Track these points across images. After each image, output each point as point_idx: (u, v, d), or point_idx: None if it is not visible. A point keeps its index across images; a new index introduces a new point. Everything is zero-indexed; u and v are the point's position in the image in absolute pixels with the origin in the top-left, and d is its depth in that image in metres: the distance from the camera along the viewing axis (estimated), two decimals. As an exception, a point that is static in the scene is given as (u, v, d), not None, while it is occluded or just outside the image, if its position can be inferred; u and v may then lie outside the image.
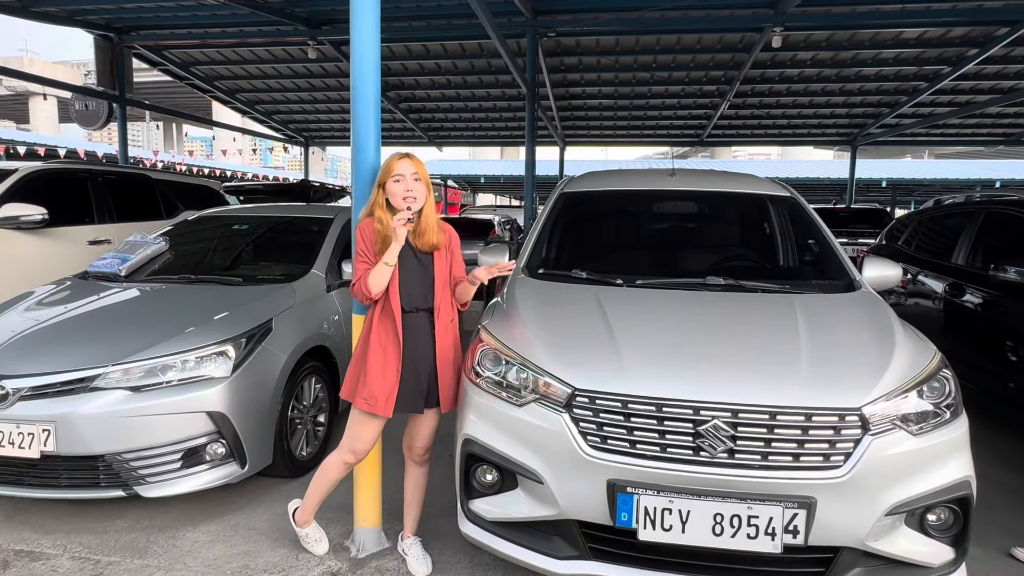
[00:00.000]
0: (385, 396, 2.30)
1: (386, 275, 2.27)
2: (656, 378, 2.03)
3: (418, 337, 2.35)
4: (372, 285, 2.26)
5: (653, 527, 1.92)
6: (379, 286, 2.27)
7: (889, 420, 1.96)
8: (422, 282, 2.36)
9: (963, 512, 2.01)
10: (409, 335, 2.33)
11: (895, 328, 2.34)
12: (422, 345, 2.35)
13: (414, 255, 2.37)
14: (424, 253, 2.38)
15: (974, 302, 4.14)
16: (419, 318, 2.36)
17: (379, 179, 2.36)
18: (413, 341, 2.34)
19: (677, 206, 3.65)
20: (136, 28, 9.58)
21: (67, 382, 2.71)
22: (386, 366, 2.31)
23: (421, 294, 2.36)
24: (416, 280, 2.35)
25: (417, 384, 2.36)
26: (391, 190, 2.32)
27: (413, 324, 2.35)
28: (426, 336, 2.36)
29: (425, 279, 2.37)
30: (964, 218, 4.67)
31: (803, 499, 1.86)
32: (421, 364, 2.36)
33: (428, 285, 2.37)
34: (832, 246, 3.11)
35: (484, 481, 2.22)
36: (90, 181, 5.55)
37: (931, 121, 12.35)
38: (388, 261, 2.26)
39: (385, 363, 2.31)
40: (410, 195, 2.30)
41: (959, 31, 8.75)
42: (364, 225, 2.37)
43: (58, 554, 2.63)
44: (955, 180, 22.00)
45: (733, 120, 13.60)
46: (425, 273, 2.37)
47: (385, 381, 2.30)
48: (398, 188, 2.30)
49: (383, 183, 2.34)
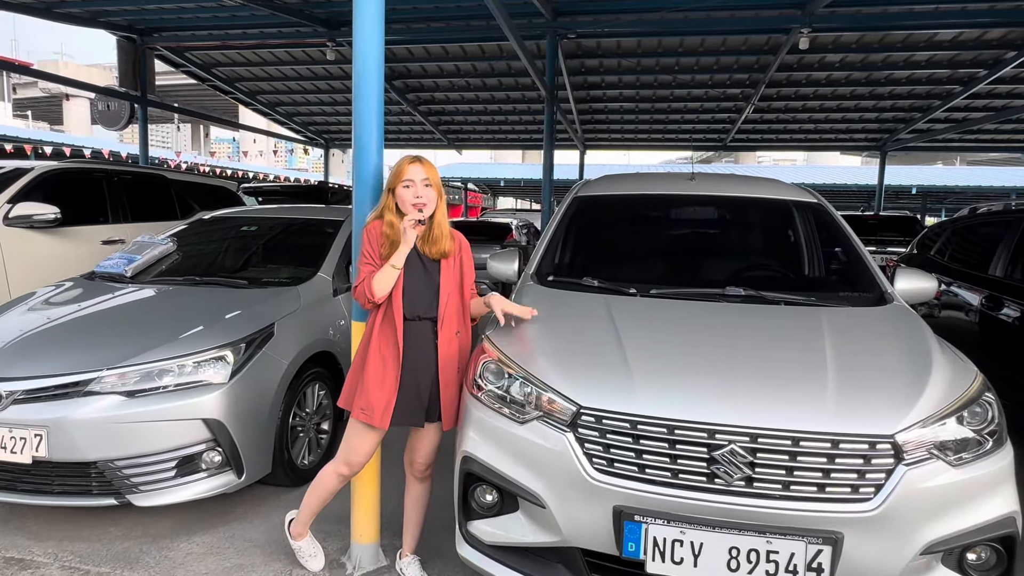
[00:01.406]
0: (382, 407, 2.20)
1: (392, 278, 2.17)
2: (668, 397, 1.88)
3: (420, 347, 2.24)
4: (377, 288, 2.16)
5: (663, 559, 1.77)
6: (383, 289, 2.17)
7: (925, 449, 1.79)
8: (427, 290, 2.26)
9: (1007, 551, 1.82)
10: (410, 344, 2.22)
11: (932, 347, 2.16)
12: (424, 356, 2.24)
13: (421, 262, 2.27)
14: (431, 260, 2.28)
15: (1013, 316, 3.91)
16: (422, 327, 2.25)
17: (389, 183, 2.27)
18: (414, 351, 2.23)
19: (696, 212, 3.49)
20: (158, 29, 9.67)
21: (61, 386, 2.64)
22: (385, 376, 2.20)
23: (426, 302, 2.25)
24: (421, 287, 2.25)
25: (417, 397, 2.25)
26: (400, 196, 2.22)
27: (415, 333, 2.24)
28: (428, 346, 2.25)
29: (430, 287, 2.27)
30: (1002, 227, 4.43)
31: (828, 534, 1.70)
32: (422, 376, 2.25)
33: (433, 293, 2.27)
34: (862, 255, 2.93)
35: (483, 502, 2.09)
36: (105, 181, 5.55)
37: (965, 126, 11.97)
38: (395, 264, 2.16)
39: (384, 372, 2.20)
40: (419, 202, 2.20)
41: (996, 32, 8.43)
42: (372, 227, 2.28)
43: (48, 563, 2.56)
44: (989, 188, 21.36)
45: (758, 124, 13.32)
46: (431, 281, 2.27)
47: (383, 391, 2.20)
48: (407, 194, 2.21)
49: (393, 188, 2.24)
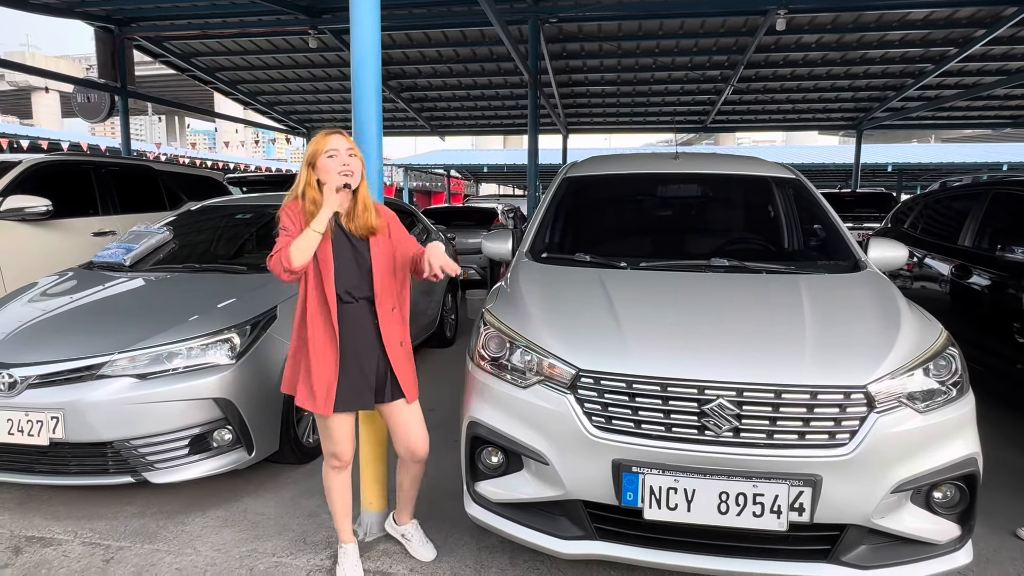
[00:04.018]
0: (323, 393, 2.14)
1: (312, 244, 2.07)
2: (660, 358, 2.02)
3: (358, 328, 2.19)
4: (295, 256, 2.04)
5: (659, 506, 1.92)
6: (302, 258, 2.05)
7: (895, 398, 1.95)
8: (358, 269, 2.19)
9: (969, 489, 2.00)
10: (347, 327, 2.16)
11: (901, 307, 2.33)
12: (364, 337, 2.19)
13: (349, 241, 2.20)
14: (360, 239, 2.21)
15: (981, 284, 4.12)
16: (358, 308, 2.19)
17: (307, 158, 2.18)
18: (353, 333, 2.18)
19: (681, 189, 3.63)
20: (136, 20, 9.55)
21: (74, 370, 2.73)
22: (324, 360, 2.14)
23: (357, 282, 2.19)
24: (352, 267, 2.18)
25: (363, 379, 2.21)
26: (324, 166, 2.14)
27: (351, 315, 2.18)
28: (368, 327, 2.20)
29: (362, 266, 2.19)
30: (970, 200, 4.64)
31: (809, 477, 1.86)
32: (365, 358, 2.20)
33: (365, 272, 2.19)
34: (838, 227, 3.09)
35: (490, 463, 2.23)
36: (94, 173, 5.56)
37: (937, 104, 12.24)
38: (317, 228, 2.07)
39: (323, 357, 2.14)
40: (346, 169, 2.13)
41: (966, 11, 8.64)
42: (289, 206, 2.17)
43: (69, 539, 2.66)
44: (961, 164, 21.80)
45: (737, 106, 13.50)
46: (362, 260, 2.20)
47: (322, 376, 2.14)
48: (333, 163, 2.13)
49: (312, 162, 2.16)
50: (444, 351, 5.86)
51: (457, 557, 2.53)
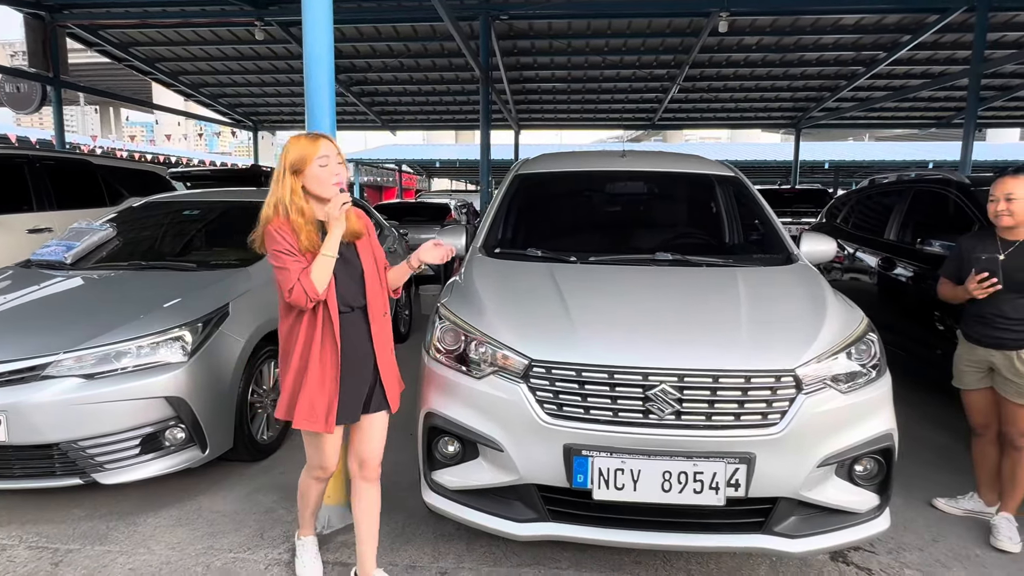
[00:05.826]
0: (325, 410, 2.03)
1: (330, 268, 1.97)
2: (608, 347, 2.13)
3: (356, 338, 2.08)
4: (318, 283, 1.94)
5: (607, 487, 2.04)
6: (324, 282, 1.96)
7: (821, 380, 2.12)
8: (351, 277, 2.08)
9: (886, 462, 2.19)
10: (348, 338, 2.05)
11: (827, 296, 2.52)
12: (361, 346, 2.09)
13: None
14: (347, 245, 2.08)
15: (905, 275, 4.42)
16: (354, 318, 2.09)
17: (294, 165, 1.98)
18: (352, 344, 2.07)
19: (628, 186, 3.77)
20: (69, 6, 9.15)
21: (16, 371, 2.66)
22: (323, 377, 2.02)
23: (352, 291, 2.08)
24: (346, 276, 2.06)
25: (358, 391, 2.11)
26: (317, 176, 1.98)
27: (351, 325, 2.07)
28: (363, 336, 2.10)
29: (354, 274, 2.09)
30: (895, 196, 4.95)
31: (743, 455, 2.01)
32: (363, 368, 2.11)
33: (357, 279, 2.09)
34: (772, 223, 3.28)
35: (446, 452, 2.30)
36: (27, 167, 5.34)
37: (869, 105, 12.91)
38: (329, 252, 1.96)
39: (323, 374, 2.02)
40: (339, 180, 2.00)
41: (893, 18, 9.17)
42: (278, 224, 1.98)
43: (14, 544, 2.60)
44: (892, 162, 22.95)
45: (683, 104, 13.90)
46: (353, 267, 2.09)
47: (323, 393, 2.03)
48: (326, 173, 1.99)
49: (300, 169, 1.98)
50: (399, 346, 5.86)
51: (415, 546, 2.59)
